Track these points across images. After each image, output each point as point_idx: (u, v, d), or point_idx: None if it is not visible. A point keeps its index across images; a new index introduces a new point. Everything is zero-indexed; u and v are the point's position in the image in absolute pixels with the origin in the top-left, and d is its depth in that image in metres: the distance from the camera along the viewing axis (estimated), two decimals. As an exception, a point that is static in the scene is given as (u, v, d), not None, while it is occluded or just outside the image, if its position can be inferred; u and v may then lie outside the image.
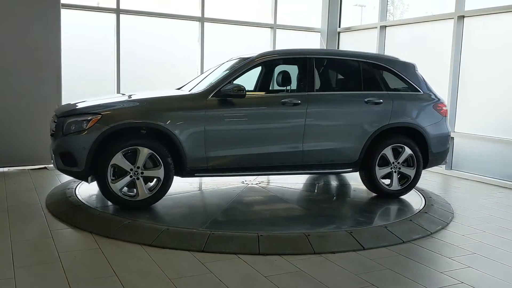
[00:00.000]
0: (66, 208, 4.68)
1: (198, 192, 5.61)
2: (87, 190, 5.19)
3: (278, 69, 5.75)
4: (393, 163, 5.26)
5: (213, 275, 3.30)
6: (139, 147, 4.47)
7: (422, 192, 5.67)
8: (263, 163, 4.95)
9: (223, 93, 4.71)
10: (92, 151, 4.38)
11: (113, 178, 4.49)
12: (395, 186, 5.31)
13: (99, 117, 4.42)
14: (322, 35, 9.72)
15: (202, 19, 8.40)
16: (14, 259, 3.47)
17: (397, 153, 5.28)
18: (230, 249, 3.74)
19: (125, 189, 4.63)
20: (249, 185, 5.85)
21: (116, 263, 3.44)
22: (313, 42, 9.70)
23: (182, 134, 4.57)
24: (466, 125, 7.23)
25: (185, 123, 4.61)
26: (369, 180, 5.27)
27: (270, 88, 6.11)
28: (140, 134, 4.61)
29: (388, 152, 5.22)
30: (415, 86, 5.45)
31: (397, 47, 8.35)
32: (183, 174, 4.74)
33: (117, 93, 7.67)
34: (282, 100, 4.92)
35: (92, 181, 4.59)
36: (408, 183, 5.35)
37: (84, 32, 7.69)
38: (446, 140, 5.59)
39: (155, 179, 4.64)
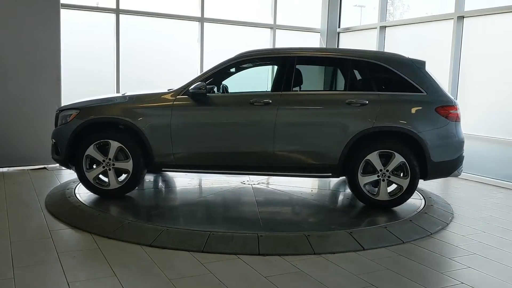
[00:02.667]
0: (65, 208, 4.68)
1: (189, 188, 5.62)
2: (86, 190, 5.18)
3: (257, 69, 5.70)
4: (381, 170, 4.77)
5: (213, 275, 3.30)
6: (110, 141, 4.84)
7: (421, 192, 5.65)
8: (232, 163, 4.93)
9: (190, 92, 4.82)
10: (70, 142, 4.88)
11: (89, 168, 4.92)
12: (383, 196, 4.80)
13: (78, 112, 4.91)
14: (321, 35, 9.72)
15: (202, 19, 8.40)
16: (13, 259, 3.47)
17: (389, 159, 4.78)
18: (230, 249, 3.74)
19: (106, 178, 4.95)
20: (248, 185, 5.85)
21: (116, 263, 3.43)
22: (313, 42, 9.71)
23: (148, 130, 4.81)
24: (466, 125, 7.20)
25: (152, 120, 4.86)
26: (353, 187, 4.86)
27: (245, 88, 5.82)
28: (117, 129, 4.93)
29: (373, 158, 4.74)
30: (416, 86, 4.87)
31: (397, 48, 8.33)
32: (151, 169, 5.06)
33: (116, 92, 7.71)
34: (251, 100, 4.85)
35: (73, 168, 5.02)
36: (399, 195, 4.81)
37: (84, 32, 7.70)
38: (454, 148, 4.90)
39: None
